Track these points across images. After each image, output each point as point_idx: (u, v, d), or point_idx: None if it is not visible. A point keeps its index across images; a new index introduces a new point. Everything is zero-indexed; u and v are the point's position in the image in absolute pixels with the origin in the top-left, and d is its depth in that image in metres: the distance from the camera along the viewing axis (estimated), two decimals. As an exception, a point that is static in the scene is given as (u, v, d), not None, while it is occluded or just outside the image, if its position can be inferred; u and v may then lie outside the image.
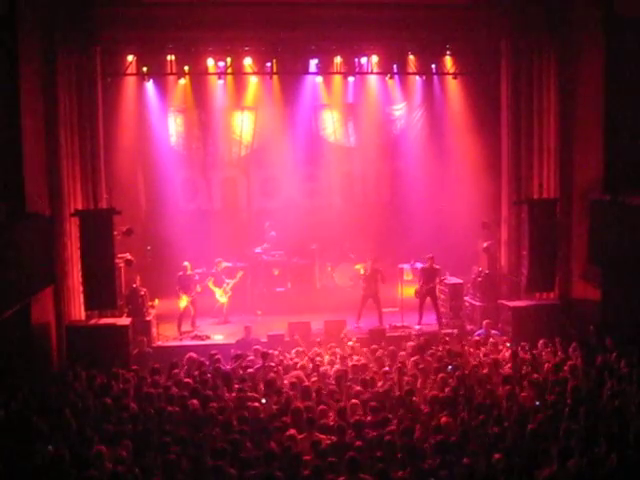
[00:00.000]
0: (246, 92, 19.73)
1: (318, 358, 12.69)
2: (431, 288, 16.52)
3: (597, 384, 10.71)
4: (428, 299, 16.61)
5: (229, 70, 18.00)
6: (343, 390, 10.78)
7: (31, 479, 7.93)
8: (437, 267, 16.62)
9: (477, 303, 16.53)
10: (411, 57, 18.32)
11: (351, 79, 19.71)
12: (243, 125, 20.51)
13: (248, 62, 17.85)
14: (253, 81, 19.42)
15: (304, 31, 16.62)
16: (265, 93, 19.70)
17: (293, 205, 20.66)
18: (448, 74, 18.75)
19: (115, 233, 14.66)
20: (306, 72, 18.73)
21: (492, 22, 16.34)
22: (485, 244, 17.32)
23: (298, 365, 12.29)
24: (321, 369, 11.93)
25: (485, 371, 11.67)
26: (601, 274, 14.89)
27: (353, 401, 10.08)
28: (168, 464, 8.02)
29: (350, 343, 13.93)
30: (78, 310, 14.80)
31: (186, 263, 16.70)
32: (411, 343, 13.75)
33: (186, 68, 17.93)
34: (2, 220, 11.39)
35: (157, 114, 19.48)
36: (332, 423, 9.32)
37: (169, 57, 17.26)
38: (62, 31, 14.30)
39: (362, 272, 17.43)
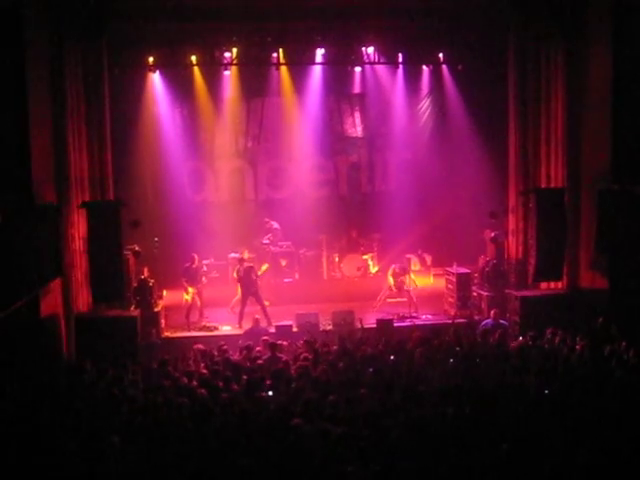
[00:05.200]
0: (253, 82, 19.73)
1: (325, 348, 12.68)
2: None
3: (606, 373, 10.69)
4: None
5: (235, 60, 17.99)
6: (351, 380, 10.78)
7: (41, 471, 7.95)
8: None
9: (485, 293, 16.52)
10: (418, 46, 18.27)
11: (358, 69, 19.71)
12: (250, 115, 20.51)
13: (254, 52, 17.84)
14: (259, 71, 19.40)
15: (310, 21, 16.63)
16: (272, 83, 19.70)
17: (300, 196, 20.69)
18: (455, 63, 18.68)
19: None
20: (313, 62, 18.71)
21: (499, 10, 16.25)
22: (493, 234, 17.27)
23: (301, 356, 12.25)
24: (329, 359, 11.94)
25: (492, 361, 11.66)
26: (609, 263, 14.84)
27: (362, 391, 10.09)
28: (178, 455, 8.05)
29: None
30: (86, 302, 14.84)
31: (194, 255, 16.75)
32: (417, 335, 13.73)
33: (193, 58, 17.95)
34: (9, 211, 11.38)
35: (164, 105, 19.51)
36: (341, 413, 9.32)
37: (176, 47, 17.27)
38: (69, 21, 14.24)
39: (235, 275, 17.03)
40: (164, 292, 17.03)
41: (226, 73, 18.95)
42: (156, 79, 18.88)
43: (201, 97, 19.81)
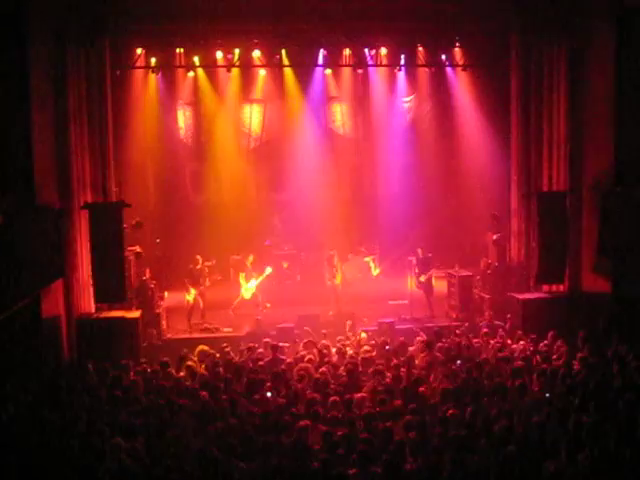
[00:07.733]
0: (255, 84, 19.75)
1: (325, 350, 12.65)
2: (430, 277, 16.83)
3: (607, 377, 10.67)
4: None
5: (237, 62, 18.00)
6: (353, 382, 10.76)
7: (42, 472, 7.95)
8: (430, 255, 17.09)
9: (486, 296, 16.50)
10: (420, 49, 18.29)
11: (360, 71, 19.70)
12: (252, 117, 20.54)
13: (256, 54, 17.86)
14: (262, 73, 19.44)
15: (313, 23, 16.61)
16: (274, 85, 19.71)
17: (302, 198, 20.68)
18: (457, 66, 18.70)
19: (124, 226, 14.68)
20: (315, 64, 18.72)
21: (501, 13, 16.25)
22: (495, 236, 17.27)
23: (306, 358, 12.24)
24: (330, 361, 11.92)
25: (494, 363, 11.64)
26: (611, 266, 14.82)
27: (362, 394, 10.08)
28: (178, 456, 8.04)
29: (364, 335, 13.93)
30: (88, 303, 14.81)
31: (198, 256, 16.73)
32: (420, 337, 13.71)
33: (195, 60, 17.96)
34: (12, 212, 11.39)
35: (166, 107, 19.57)
36: (342, 415, 9.31)
37: (178, 50, 17.30)
38: (71, 22, 14.26)
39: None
40: (165, 294, 17.00)
41: (228, 74, 18.96)
42: (158, 81, 18.89)
43: (203, 98, 19.83)
